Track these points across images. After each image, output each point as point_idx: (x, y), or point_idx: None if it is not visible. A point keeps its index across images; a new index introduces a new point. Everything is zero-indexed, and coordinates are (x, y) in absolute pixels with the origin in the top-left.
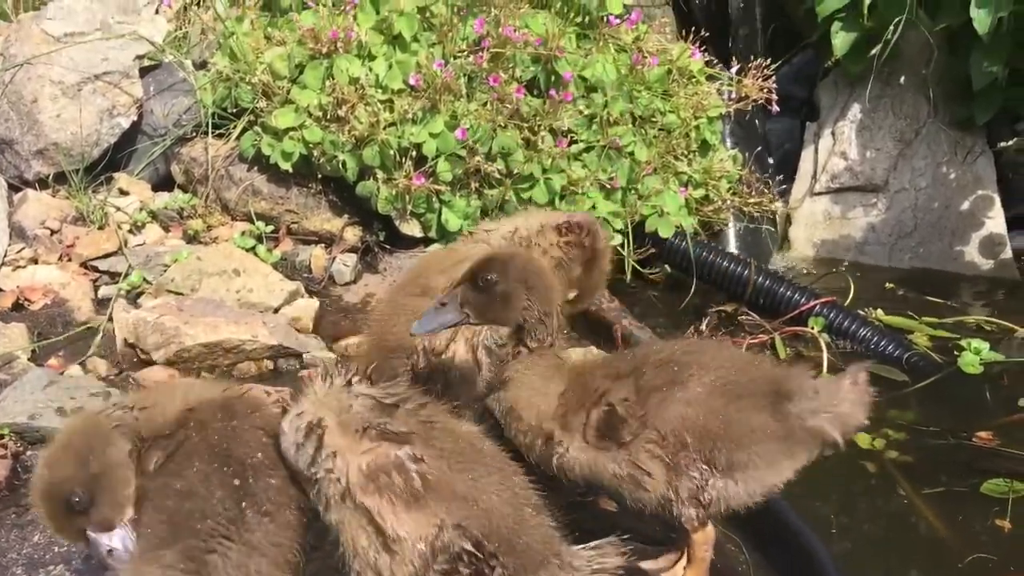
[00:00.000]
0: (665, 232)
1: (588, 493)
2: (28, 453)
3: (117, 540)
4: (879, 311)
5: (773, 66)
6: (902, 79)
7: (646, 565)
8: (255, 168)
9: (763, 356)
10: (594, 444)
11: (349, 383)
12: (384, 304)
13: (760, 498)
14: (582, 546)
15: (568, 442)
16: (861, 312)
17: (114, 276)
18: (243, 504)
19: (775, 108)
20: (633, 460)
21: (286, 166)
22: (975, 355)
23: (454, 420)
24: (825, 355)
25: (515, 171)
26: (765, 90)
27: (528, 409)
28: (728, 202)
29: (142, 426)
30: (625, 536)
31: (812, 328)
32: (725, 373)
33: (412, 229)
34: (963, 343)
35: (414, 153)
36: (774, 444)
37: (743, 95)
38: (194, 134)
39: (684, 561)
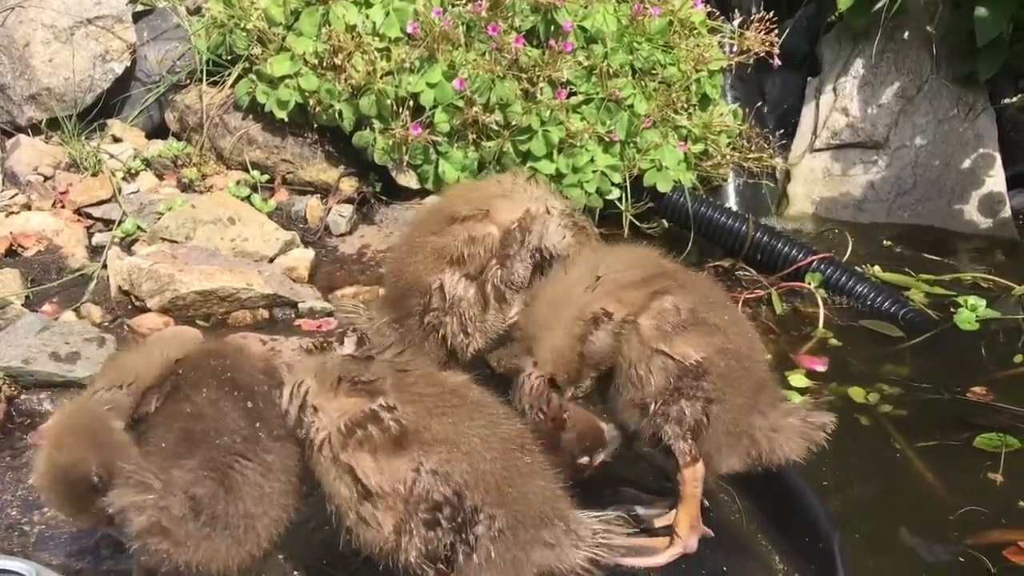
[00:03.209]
0: (663, 186)
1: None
2: (22, 396)
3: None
4: (876, 268)
5: (776, 19)
6: (906, 34)
7: (642, 511)
8: (250, 116)
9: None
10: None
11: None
12: (401, 242)
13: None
14: (592, 515)
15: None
16: (858, 268)
17: (108, 223)
18: (257, 425)
19: (777, 62)
20: (648, 360)
21: (281, 115)
22: (971, 312)
23: (435, 369)
24: (822, 311)
25: (513, 123)
26: (767, 44)
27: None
28: (727, 157)
29: (133, 400)
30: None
31: (809, 284)
32: (746, 344)
33: (409, 180)
34: (960, 300)
35: (411, 103)
36: (732, 436)
37: (745, 48)
38: (188, 81)
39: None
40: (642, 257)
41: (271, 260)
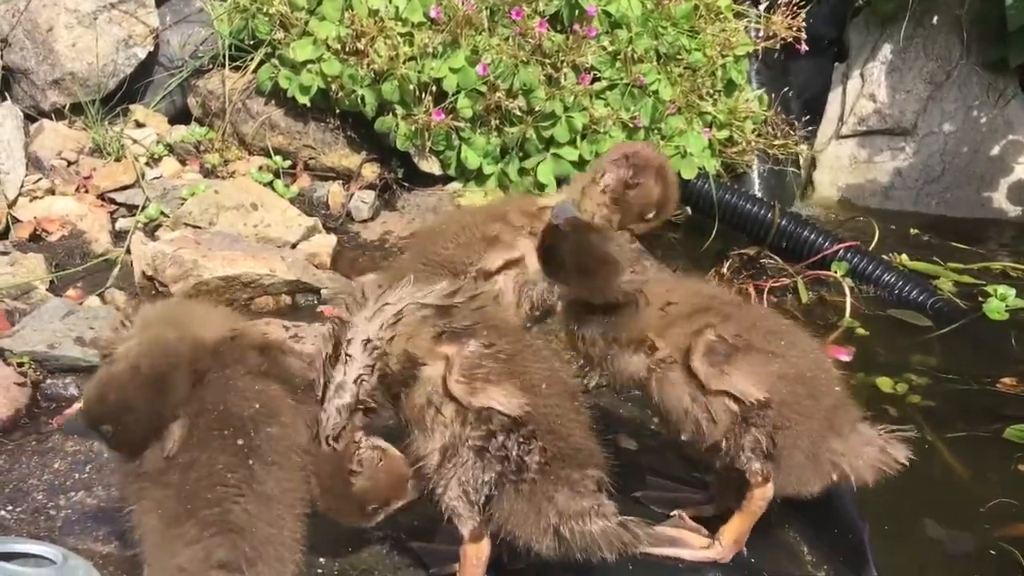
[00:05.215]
0: (688, 173)
1: (607, 431)
2: (48, 381)
3: None
4: (904, 256)
5: (802, 4)
6: (935, 19)
7: (680, 495)
8: (272, 102)
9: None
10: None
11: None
12: (443, 220)
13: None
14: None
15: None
16: (885, 257)
17: (131, 208)
18: (250, 461)
19: (804, 47)
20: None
21: (304, 100)
22: (1001, 301)
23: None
24: (848, 300)
25: (536, 108)
26: (794, 29)
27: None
28: (752, 144)
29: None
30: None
31: (835, 272)
32: (810, 367)
33: (431, 166)
34: (989, 289)
35: (434, 88)
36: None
37: (771, 33)
38: (211, 66)
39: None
40: (694, 292)
41: (294, 246)
